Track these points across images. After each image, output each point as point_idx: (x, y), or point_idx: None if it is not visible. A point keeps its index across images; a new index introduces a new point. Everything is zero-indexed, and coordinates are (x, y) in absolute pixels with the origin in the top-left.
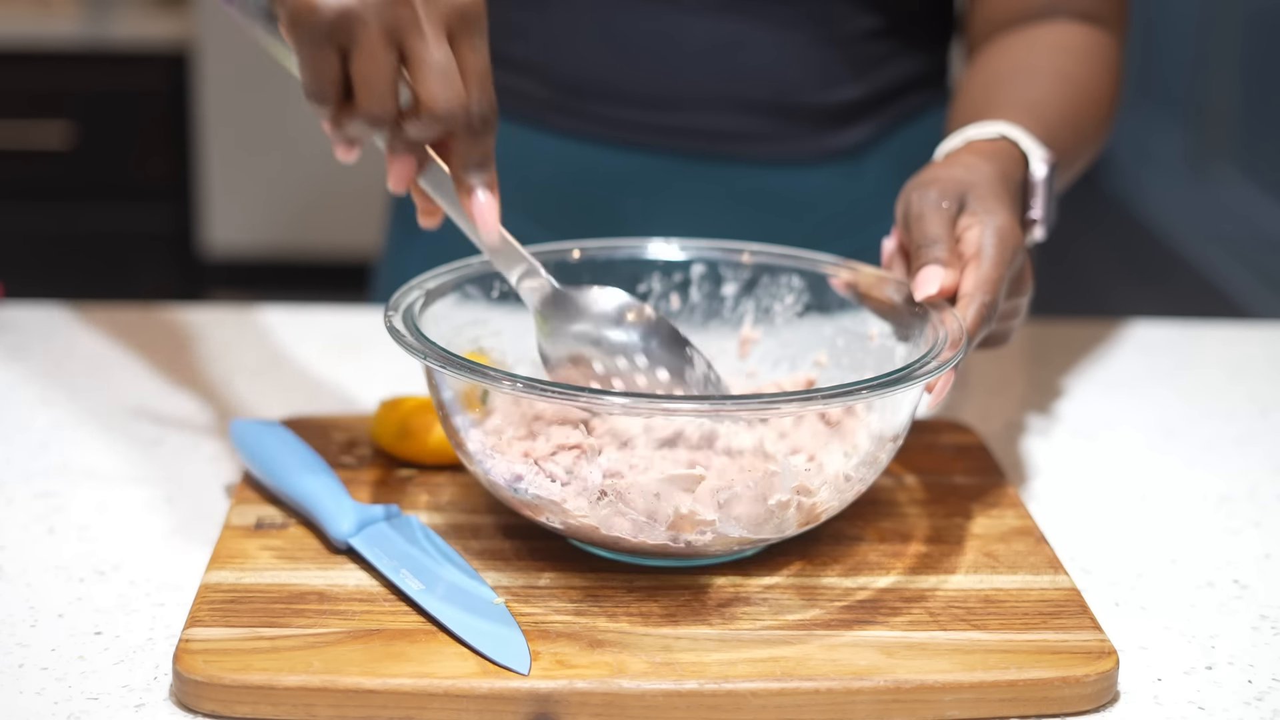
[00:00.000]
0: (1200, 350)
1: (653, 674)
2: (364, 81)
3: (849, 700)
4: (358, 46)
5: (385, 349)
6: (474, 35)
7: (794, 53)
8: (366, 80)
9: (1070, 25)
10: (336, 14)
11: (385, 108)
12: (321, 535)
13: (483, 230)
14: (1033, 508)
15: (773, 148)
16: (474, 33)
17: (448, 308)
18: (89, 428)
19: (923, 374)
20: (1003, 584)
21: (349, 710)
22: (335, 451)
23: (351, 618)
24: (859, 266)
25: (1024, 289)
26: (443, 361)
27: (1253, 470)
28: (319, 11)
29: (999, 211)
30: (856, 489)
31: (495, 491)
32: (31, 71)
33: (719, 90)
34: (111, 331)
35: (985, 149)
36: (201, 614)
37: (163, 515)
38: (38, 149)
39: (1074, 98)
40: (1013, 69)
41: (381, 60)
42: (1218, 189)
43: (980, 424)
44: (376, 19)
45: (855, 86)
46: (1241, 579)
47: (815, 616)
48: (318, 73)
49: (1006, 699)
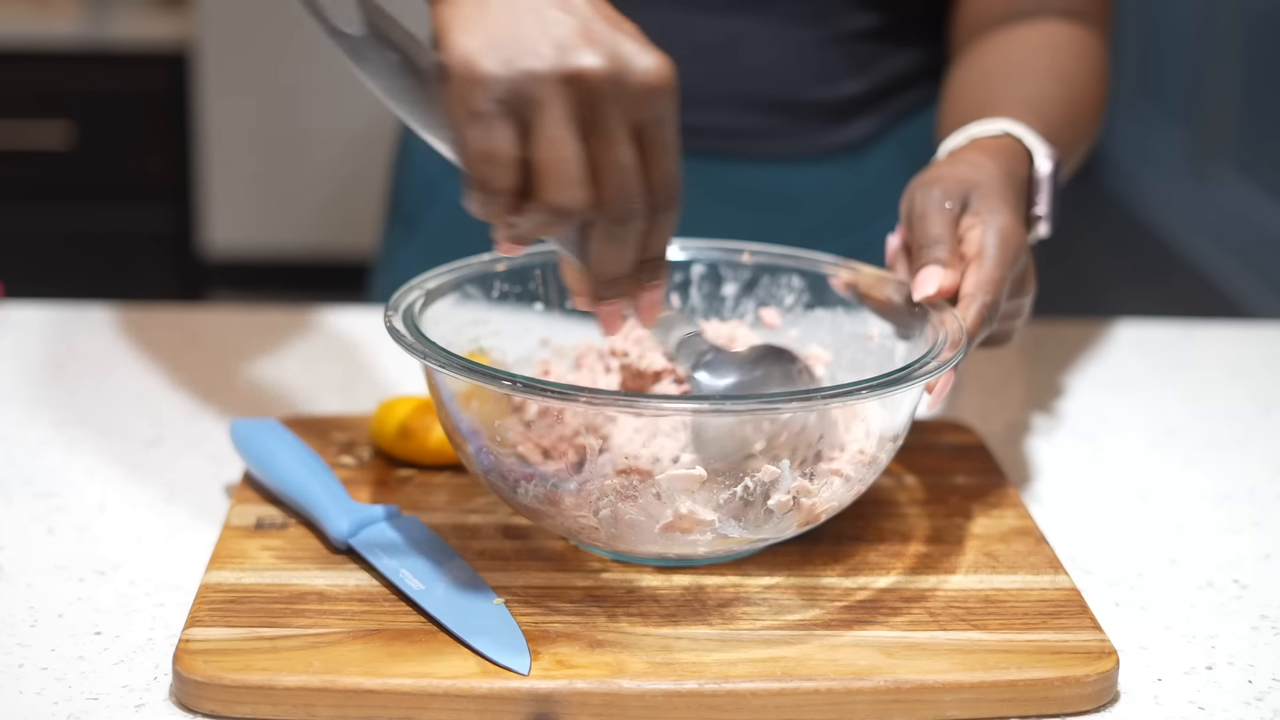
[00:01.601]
0: (1200, 350)
1: (653, 674)
2: (551, 171)
3: (849, 700)
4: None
5: (385, 349)
6: (663, 128)
7: (794, 49)
8: (553, 168)
9: (1058, 23)
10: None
11: (578, 200)
12: (321, 535)
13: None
14: (1033, 508)
15: (775, 144)
16: (663, 125)
17: (448, 308)
18: (89, 428)
19: (923, 374)
20: (1003, 584)
21: (349, 710)
22: (335, 451)
23: (351, 618)
24: (859, 266)
25: (1027, 289)
26: (443, 361)
27: (1253, 470)
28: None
29: (1002, 211)
30: (856, 489)
31: (495, 492)
32: (31, 71)
33: (721, 88)
34: (111, 331)
35: (990, 146)
36: (201, 614)
37: (163, 515)
38: (38, 149)
39: (1069, 95)
40: (1008, 66)
41: (568, 144)
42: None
43: (980, 424)
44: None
45: (856, 82)
46: (1241, 579)
47: (815, 616)
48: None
49: (1006, 699)
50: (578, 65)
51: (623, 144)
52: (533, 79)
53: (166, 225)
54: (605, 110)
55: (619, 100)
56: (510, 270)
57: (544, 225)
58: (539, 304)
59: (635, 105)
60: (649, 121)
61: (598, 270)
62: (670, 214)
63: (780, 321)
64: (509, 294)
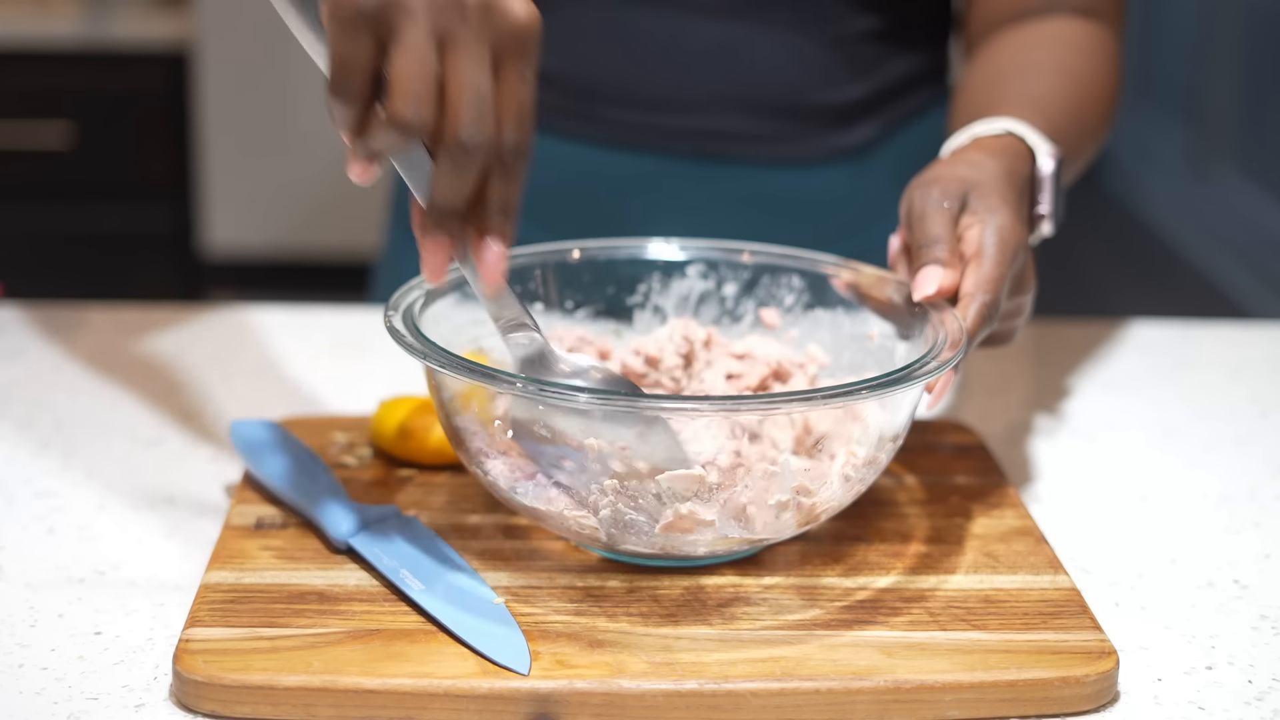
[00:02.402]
0: (1200, 350)
1: (653, 674)
2: (402, 82)
3: (849, 700)
4: (399, 40)
5: (385, 349)
6: (523, 61)
7: (795, 54)
8: (405, 80)
9: (1070, 20)
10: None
11: (422, 116)
12: (321, 535)
13: (486, 283)
14: (1033, 508)
15: (777, 148)
16: (524, 58)
17: (448, 308)
18: (89, 428)
19: (923, 374)
20: (1003, 584)
21: (349, 710)
22: (335, 451)
23: (351, 618)
24: (859, 266)
25: (1026, 288)
26: (443, 361)
27: (1253, 470)
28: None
29: (1001, 210)
30: (856, 489)
31: (495, 492)
32: (31, 71)
33: (723, 92)
34: (111, 331)
35: (991, 145)
36: (201, 614)
37: (163, 515)
38: (38, 149)
39: (1077, 93)
40: (1015, 65)
41: (426, 60)
42: (1218, 189)
43: (980, 424)
44: (425, 14)
45: (857, 86)
46: (1241, 579)
47: (815, 616)
48: (347, 62)
49: (1006, 699)
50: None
51: (479, 69)
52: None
53: (166, 225)
54: (467, 33)
55: (484, 27)
56: (510, 270)
57: (391, 140)
58: (539, 304)
59: (499, 36)
60: (509, 55)
61: (430, 199)
62: (519, 161)
63: (780, 322)
64: None
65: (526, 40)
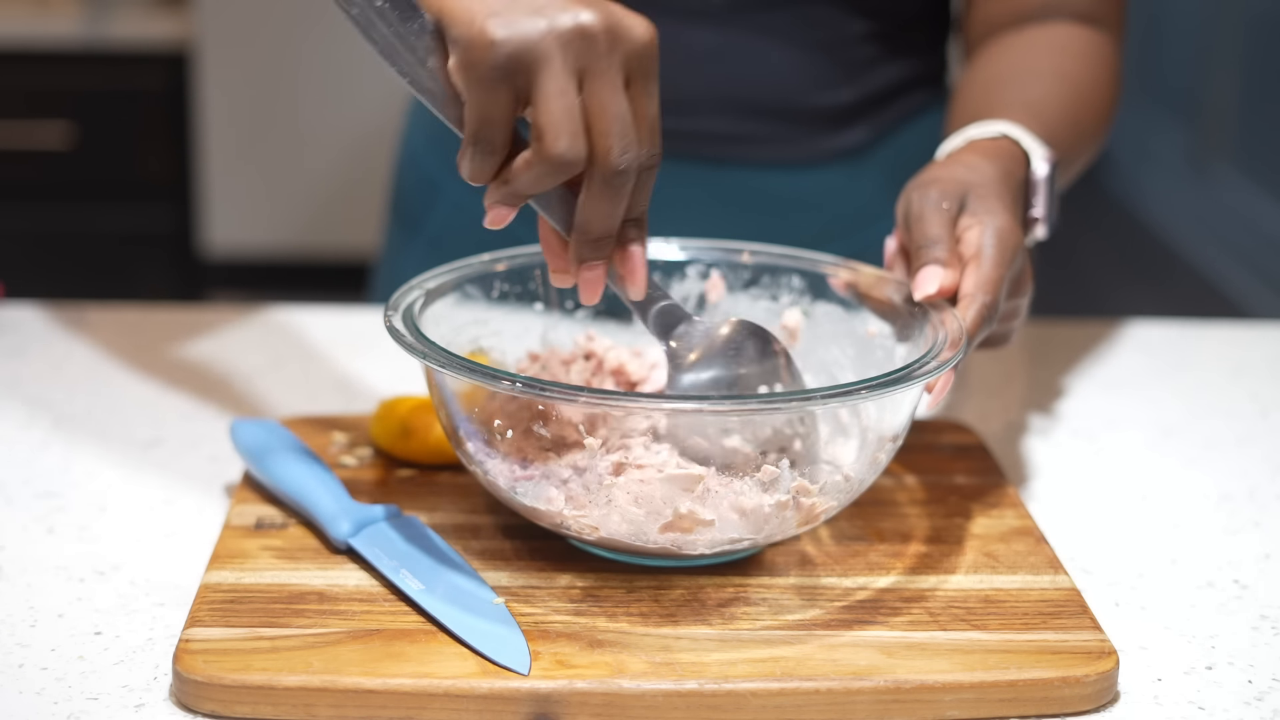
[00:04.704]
0: (1200, 350)
1: (653, 674)
2: (553, 123)
3: (849, 700)
4: (543, 83)
5: (385, 349)
6: (650, 81)
7: (789, 58)
8: (555, 121)
9: (1069, 26)
10: (518, 48)
11: (577, 151)
12: (321, 535)
13: (633, 288)
14: (1033, 508)
15: (772, 150)
16: (650, 78)
17: (447, 308)
18: (89, 428)
19: (923, 374)
20: (1003, 584)
21: (349, 710)
22: (335, 451)
23: (351, 618)
24: (859, 266)
25: (1024, 289)
26: (443, 361)
27: (1253, 470)
28: (498, 46)
29: (999, 212)
30: (856, 489)
31: (495, 492)
32: (31, 71)
33: (718, 95)
34: (111, 331)
35: (987, 148)
36: (201, 614)
37: (163, 515)
38: (38, 149)
39: (1073, 98)
40: (1012, 69)
41: (570, 97)
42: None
43: (980, 424)
44: (562, 55)
45: (851, 89)
46: (1241, 579)
47: (815, 616)
48: (489, 118)
49: (1006, 699)
50: (578, 22)
51: (618, 95)
52: (538, 40)
53: (166, 225)
54: (600, 62)
55: (614, 53)
56: (510, 270)
57: (542, 178)
58: (539, 304)
59: (628, 58)
60: (639, 75)
61: (585, 228)
62: (653, 169)
63: (801, 324)
64: (509, 294)
65: (650, 57)
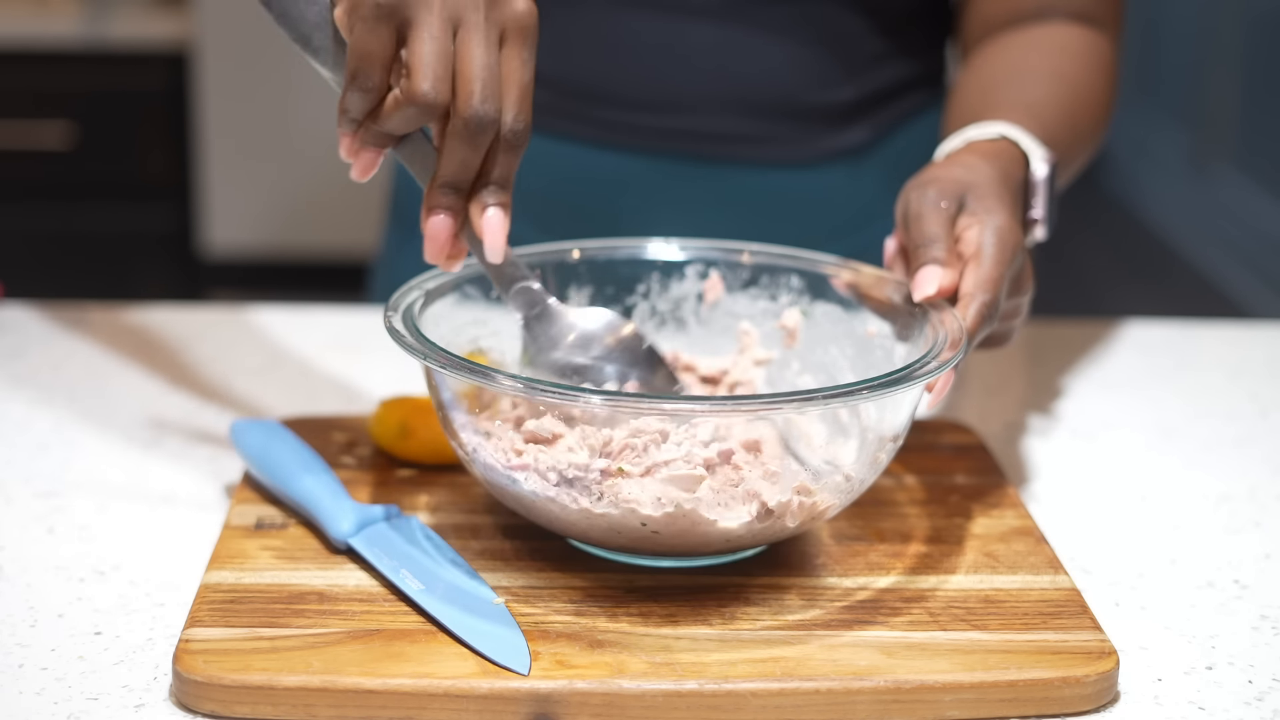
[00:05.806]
0: (1200, 350)
1: (653, 674)
2: (421, 63)
3: (849, 700)
4: (417, 26)
5: (385, 349)
6: (525, 47)
7: (790, 56)
8: (424, 62)
9: (1066, 26)
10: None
11: (440, 92)
12: (321, 535)
13: (490, 249)
14: (1033, 508)
15: (772, 149)
16: (526, 44)
17: (447, 308)
18: (89, 428)
19: (923, 374)
20: (1003, 584)
21: (349, 710)
22: (335, 451)
23: (351, 618)
24: (859, 266)
25: (1024, 288)
26: (443, 361)
27: (1253, 470)
28: None
29: (998, 211)
30: (856, 489)
31: (495, 491)
32: (31, 71)
33: (718, 93)
34: (111, 331)
35: (986, 149)
36: (201, 614)
37: (163, 515)
38: (38, 149)
39: (1071, 98)
40: (1010, 70)
41: (443, 43)
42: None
43: (980, 424)
44: (441, 3)
45: (852, 88)
46: (1241, 579)
47: (815, 616)
48: (369, 55)
49: (1006, 699)
50: None
51: (489, 48)
52: None
53: (166, 225)
54: (477, 17)
55: (491, 12)
56: None
57: (410, 119)
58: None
59: (504, 21)
60: (515, 38)
61: (440, 174)
62: (520, 139)
63: (800, 325)
64: None
65: (529, 26)
